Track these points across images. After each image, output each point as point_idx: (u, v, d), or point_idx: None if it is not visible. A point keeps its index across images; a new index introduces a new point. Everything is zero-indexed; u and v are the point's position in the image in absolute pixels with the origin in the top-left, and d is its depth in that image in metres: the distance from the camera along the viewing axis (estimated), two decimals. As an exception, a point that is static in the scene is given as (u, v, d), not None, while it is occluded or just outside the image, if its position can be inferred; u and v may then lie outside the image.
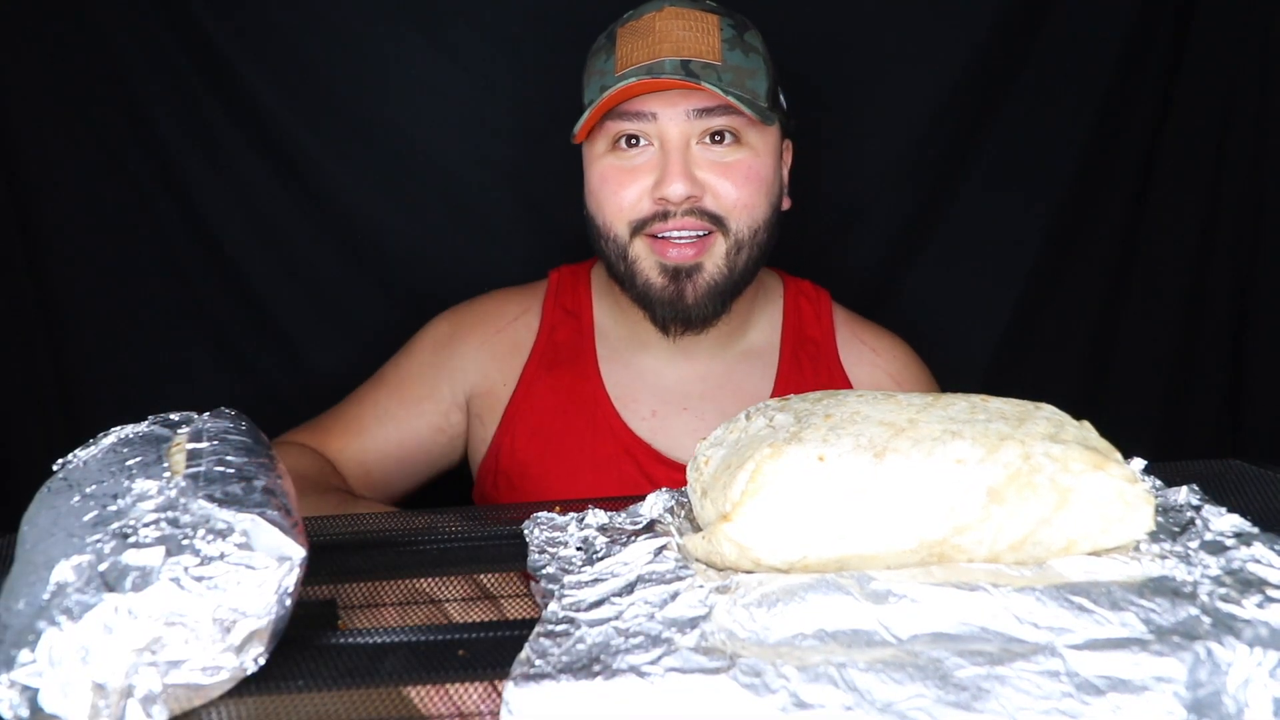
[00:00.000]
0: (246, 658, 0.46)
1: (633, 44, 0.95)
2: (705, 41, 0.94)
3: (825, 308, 1.12)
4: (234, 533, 0.48)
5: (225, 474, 0.53)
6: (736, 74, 0.94)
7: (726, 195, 0.95)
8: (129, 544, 0.46)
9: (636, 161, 0.96)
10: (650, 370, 1.07)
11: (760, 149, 0.97)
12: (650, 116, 0.94)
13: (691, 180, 0.94)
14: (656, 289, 0.98)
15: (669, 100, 0.94)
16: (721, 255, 0.97)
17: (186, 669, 0.44)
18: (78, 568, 0.45)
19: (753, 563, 0.54)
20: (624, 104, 0.95)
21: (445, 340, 1.10)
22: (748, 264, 0.99)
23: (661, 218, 0.95)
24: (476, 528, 0.72)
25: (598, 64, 0.98)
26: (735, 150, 0.96)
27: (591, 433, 1.04)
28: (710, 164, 0.95)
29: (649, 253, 0.97)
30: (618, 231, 0.97)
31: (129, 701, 0.43)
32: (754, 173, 0.96)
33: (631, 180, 0.96)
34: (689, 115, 0.94)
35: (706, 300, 0.98)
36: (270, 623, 0.47)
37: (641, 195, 0.96)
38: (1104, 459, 0.55)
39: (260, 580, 0.46)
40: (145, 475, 0.52)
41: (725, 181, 0.95)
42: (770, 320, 1.11)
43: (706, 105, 0.94)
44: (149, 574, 0.44)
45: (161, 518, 0.48)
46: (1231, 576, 0.51)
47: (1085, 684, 0.43)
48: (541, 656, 0.46)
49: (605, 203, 0.97)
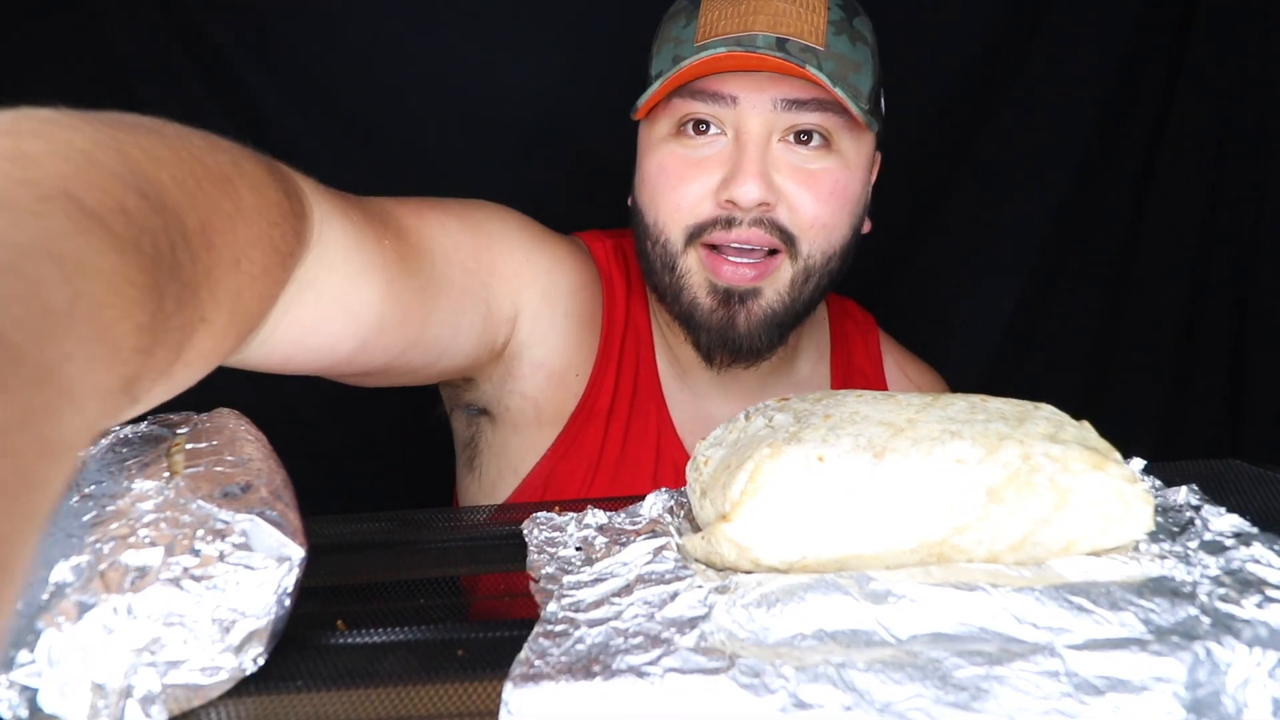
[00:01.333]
0: (245, 658, 0.46)
1: (721, 10, 0.79)
2: (809, 20, 0.78)
3: (873, 336, 1.02)
4: (233, 533, 0.47)
5: (225, 474, 0.52)
6: (840, 64, 0.79)
7: (804, 209, 0.80)
8: (128, 544, 0.46)
9: (704, 152, 0.81)
10: (704, 397, 0.92)
11: (852, 159, 0.83)
12: (729, 100, 0.79)
13: (768, 183, 0.79)
14: (704, 311, 0.83)
15: (755, 84, 0.79)
16: (786, 282, 0.83)
17: (186, 669, 0.44)
18: (76, 568, 0.45)
19: (752, 563, 0.54)
20: (700, 81, 0.79)
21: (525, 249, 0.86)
22: (814, 294, 0.84)
23: (724, 224, 0.80)
24: (476, 528, 0.72)
25: (674, 29, 0.82)
26: (823, 156, 0.81)
27: (661, 471, 0.89)
28: (792, 169, 0.80)
29: (700, 267, 0.82)
30: (670, 236, 0.83)
31: (128, 702, 0.43)
32: (841, 186, 0.81)
33: (697, 174, 0.81)
34: (776, 105, 0.79)
35: (761, 331, 0.84)
36: (270, 623, 0.47)
37: (705, 194, 0.81)
38: (1103, 459, 0.55)
39: (260, 580, 0.46)
40: (144, 475, 0.51)
41: (806, 192, 0.80)
42: (818, 347, 0.98)
43: (799, 97, 0.79)
44: (148, 574, 0.44)
45: (160, 518, 0.48)
46: (1231, 576, 0.51)
47: (1084, 684, 0.43)
48: (540, 657, 0.46)
49: (661, 197, 0.82)
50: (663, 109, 0.82)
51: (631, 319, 0.92)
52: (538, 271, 0.86)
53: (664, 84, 0.79)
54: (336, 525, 0.72)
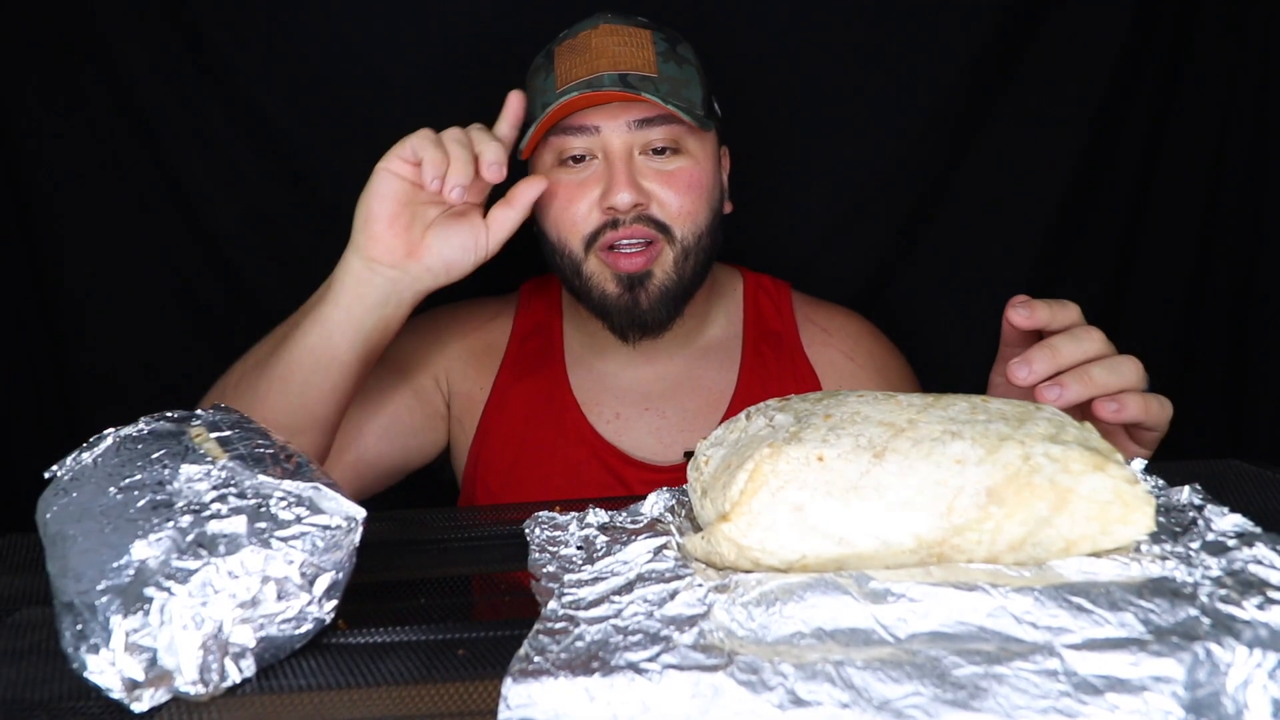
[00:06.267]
0: (325, 609, 0.51)
1: (571, 61, 0.97)
2: (641, 55, 0.97)
3: (785, 299, 1.15)
4: (302, 501, 0.53)
5: (268, 453, 0.57)
6: (672, 85, 0.97)
7: (670, 203, 0.98)
8: (206, 517, 0.50)
9: (583, 174, 0.98)
10: (611, 374, 1.10)
11: (700, 156, 1.00)
12: (593, 130, 0.97)
13: (637, 188, 0.96)
14: (612, 299, 1.00)
15: (610, 113, 0.97)
16: (670, 263, 1.00)
17: (278, 622, 0.49)
18: (159, 542, 0.49)
19: (752, 562, 0.54)
20: (566, 119, 0.97)
21: (429, 325, 1.12)
22: (696, 269, 1.01)
23: (612, 225, 0.97)
24: (477, 527, 0.72)
25: (538, 82, 1.00)
26: (676, 159, 0.99)
27: (562, 438, 1.07)
28: (654, 173, 0.98)
29: (602, 266, 1.00)
30: (572, 247, 1.00)
31: (229, 655, 0.48)
32: (695, 180, 0.99)
33: (581, 193, 0.98)
34: (630, 126, 0.97)
35: (660, 306, 1.01)
36: (345, 576, 0.53)
37: (591, 207, 0.98)
38: (1104, 459, 0.55)
39: (334, 539, 0.52)
40: (186, 461, 0.55)
41: (668, 190, 0.98)
42: (729, 316, 1.14)
43: (646, 116, 0.97)
44: (237, 540, 0.49)
45: (226, 493, 0.53)
46: (1232, 577, 0.50)
47: (1083, 683, 0.43)
48: (540, 653, 0.46)
49: (559, 217, 0.99)
50: (543, 147, 1.00)
51: (541, 329, 1.14)
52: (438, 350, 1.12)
53: (539, 125, 0.96)
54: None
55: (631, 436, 1.07)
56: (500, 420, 1.09)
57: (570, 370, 1.11)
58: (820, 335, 1.13)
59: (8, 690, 0.49)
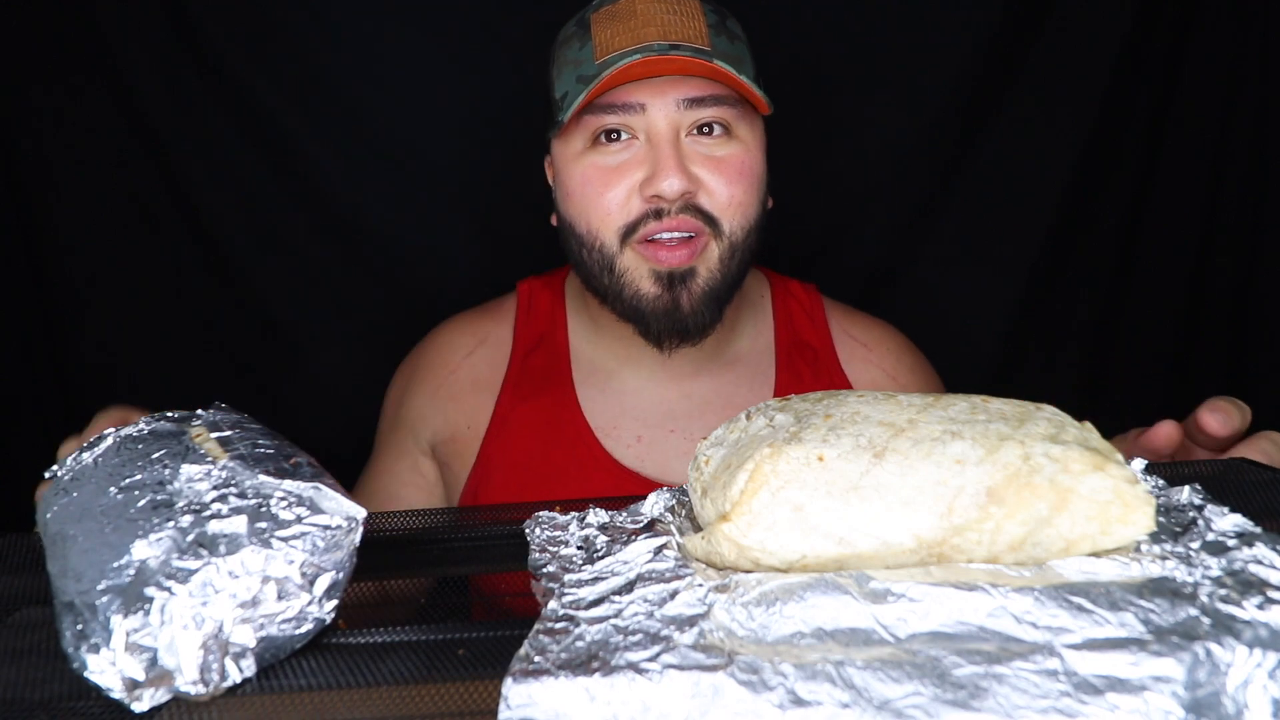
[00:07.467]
0: (325, 609, 0.51)
1: (612, 29, 0.86)
2: (692, 26, 0.85)
3: (818, 308, 1.05)
4: (302, 501, 0.53)
5: (268, 454, 0.57)
6: (727, 59, 0.86)
7: (719, 192, 0.88)
8: (206, 517, 0.50)
9: (621, 158, 0.88)
10: (631, 392, 0.99)
11: (750, 142, 0.90)
12: (638, 108, 0.86)
13: (687, 174, 0.86)
14: (649, 299, 0.89)
15: (658, 89, 0.86)
16: (715, 259, 0.89)
17: (279, 622, 0.49)
18: (160, 542, 0.49)
19: (752, 562, 0.54)
20: (606, 95, 0.86)
21: (399, 397, 1.05)
22: (740, 269, 0.91)
23: (654, 216, 0.87)
24: (477, 527, 0.72)
25: (570, 53, 0.89)
26: (726, 143, 0.89)
27: (574, 465, 0.96)
28: (703, 158, 0.88)
29: (640, 261, 0.89)
30: (605, 240, 0.89)
31: (229, 655, 0.48)
32: (747, 168, 0.89)
33: (619, 178, 0.87)
34: (679, 105, 0.86)
35: (703, 309, 0.90)
36: (345, 576, 0.52)
37: (630, 194, 0.87)
38: (1104, 459, 0.55)
39: (335, 539, 0.51)
40: (186, 461, 0.55)
41: (718, 177, 0.87)
42: (758, 326, 1.03)
43: (698, 94, 0.86)
44: (237, 540, 0.49)
45: (226, 493, 0.52)
46: (1233, 577, 0.50)
47: (1083, 683, 0.43)
48: (540, 653, 0.46)
49: (590, 207, 0.88)
50: (574, 126, 0.88)
51: (545, 342, 1.02)
52: (412, 419, 1.04)
53: (582, 100, 0.84)
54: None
55: (657, 462, 0.95)
56: (503, 449, 0.98)
57: (579, 389, 0.99)
58: (859, 351, 1.03)
59: (8, 690, 0.49)
